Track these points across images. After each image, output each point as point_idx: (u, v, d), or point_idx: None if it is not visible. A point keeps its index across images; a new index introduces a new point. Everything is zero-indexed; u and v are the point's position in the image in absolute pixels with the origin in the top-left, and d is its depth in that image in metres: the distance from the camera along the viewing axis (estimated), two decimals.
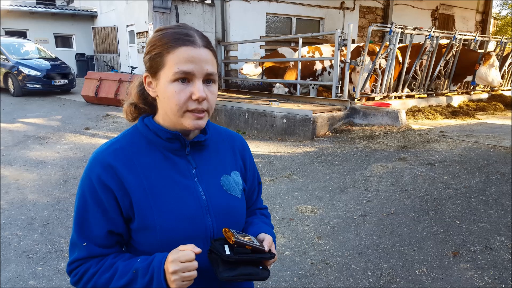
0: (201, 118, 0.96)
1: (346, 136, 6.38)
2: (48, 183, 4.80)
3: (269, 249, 0.99)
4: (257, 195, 1.25)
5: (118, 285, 0.91)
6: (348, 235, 3.30)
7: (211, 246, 0.95)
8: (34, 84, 11.49)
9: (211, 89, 0.98)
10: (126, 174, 0.96)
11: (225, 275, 0.89)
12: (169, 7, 9.35)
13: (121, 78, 10.29)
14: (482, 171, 4.38)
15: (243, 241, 0.93)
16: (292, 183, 4.57)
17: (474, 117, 7.81)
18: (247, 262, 0.94)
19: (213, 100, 0.99)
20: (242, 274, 0.91)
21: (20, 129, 7.65)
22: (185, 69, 0.92)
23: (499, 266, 2.73)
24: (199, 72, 0.94)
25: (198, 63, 0.93)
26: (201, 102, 0.95)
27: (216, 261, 0.92)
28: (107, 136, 7.28)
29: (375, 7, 13.55)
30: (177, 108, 0.95)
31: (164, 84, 0.95)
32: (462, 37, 8.62)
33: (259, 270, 0.94)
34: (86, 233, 0.96)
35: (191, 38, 0.94)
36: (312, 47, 8.87)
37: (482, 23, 17.27)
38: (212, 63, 0.97)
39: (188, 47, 0.93)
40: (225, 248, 0.93)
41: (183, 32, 0.96)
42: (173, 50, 0.93)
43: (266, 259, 0.97)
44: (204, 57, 0.95)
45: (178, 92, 0.94)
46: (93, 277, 0.93)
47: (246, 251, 0.93)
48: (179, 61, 0.93)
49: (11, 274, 2.85)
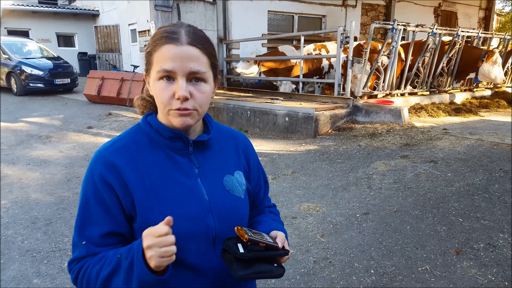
0: (186, 115, 0.94)
1: (349, 134, 6.36)
2: (51, 182, 4.81)
3: (283, 245, 0.99)
4: (264, 193, 1.24)
5: (106, 272, 0.90)
6: (350, 233, 3.30)
7: (224, 245, 0.94)
8: (36, 83, 11.51)
9: (199, 88, 0.95)
10: (128, 172, 0.96)
11: (240, 273, 0.88)
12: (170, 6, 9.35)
13: (123, 77, 10.29)
14: (485, 168, 4.37)
15: (256, 239, 0.93)
16: (295, 181, 4.57)
17: (477, 114, 7.77)
18: (262, 260, 0.93)
19: (202, 99, 0.96)
20: (257, 272, 0.90)
21: (23, 128, 7.67)
22: (166, 68, 0.91)
23: (502, 263, 2.72)
24: (181, 70, 0.92)
25: (180, 61, 0.91)
26: (184, 101, 0.93)
27: (230, 260, 0.91)
28: (110, 135, 7.29)
29: (377, 4, 13.50)
30: (163, 106, 0.95)
31: (152, 82, 0.96)
32: (465, 34, 8.57)
33: (273, 267, 0.94)
34: (86, 232, 0.95)
35: (175, 36, 0.93)
36: (318, 44, 8.84)
37: (485, 19, 17.18)
38: (199, 60, 0.94)
39: (170, 45, 0.92)
40: (239, 247, 0.92)
41: (170, 30, 0.94)
42: (159, 48, 0.93)
43: (280, 255, 0.97)
44: (187, 54, 0.92)
45: (162, 90, 0.93)
46: (86, 271, 0.93)
47: (260, 249, 0.92)
48: (161, 59, 0.92)
49: (15, 273, 2.87)
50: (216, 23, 10.43)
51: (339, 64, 7.17)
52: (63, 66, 12.36)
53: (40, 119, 8.54)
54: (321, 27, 12.26)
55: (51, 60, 12.48)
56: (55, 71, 11.92)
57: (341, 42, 7.06)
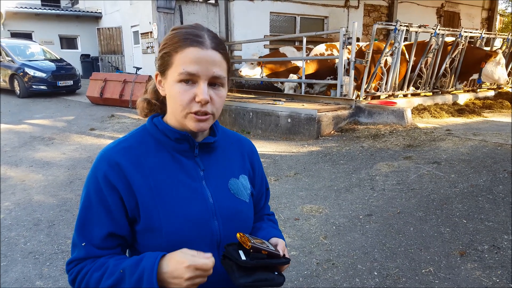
0: (203, 120, 0.95)
1: (352, 135, 6.34)
2: (54, 184, 4.82)
3: (283, 253, 0.98)
4: (264, 200, 1.23)
5: (106, 284, 0.88)
6: (354, 235, 3.29)
7: (225, 252, 0.94)
8: (39, 86, 11.57)
9: (218, 93, 0.96)
10: (133, 173, 0.95)
11: (242, 281, 0.88)
12: (173, 7, 9.37)
13: (126, 78, 10.33)
14: (489, 169, 4.34)
15: (259, 246, 0.92)
16: (297, 183, 4.56)
17: (481, 115, 7.74)
18: (263, 268, 0.92)
19: (219, 103, 0.97)
20: (259, 280, 0.90)
21: (26, 130, 7.70)
22: (190, 70, 0.91)
23: (507, 265, 2.70)
24: (204, 74, 0.92)
25: (204, 65, 0.92)
26: (205, 105, 0.93)
27: (231, 267, 0.90)
28: (112, 136, 7.31)
29: (380, 5, 13.47)
30: (181, 108, 0.94)
31: (170, 83, 0.95)
32: (468, 35, 8.55)
33: (274, 275, 0.93)
34: (86, 233, 0.94)
35: (200, 39, 0.93)
36: (329, 44, 8.82)
37: (488, 20, 17.12)
38: (221, 65, 0.95)
39: (196, 48, 0.92)
40: (240, 253, 0.91)
41: (193, 33, 0.94)
42: (181, 50, 0.92)
43: (282, 264, 0.96)
44: (211, 59, 0.93)
45: (182, 93, 0.93)
46: (85, 276, 0.92)
47: (262, 256, 0.92)
48: (185, 61, 0.91)
49: (18, 275, 2.87)
50: (218, 24, 10.43)
51: (342, 65, 7.15)
52: (66, 68, 12.42)
53: (43, 121, 8.57)
54: (323, 28, 12.25)
55: (54, 62, 12.54)
56: (58, 73, 11.98)
57: (343, 43, 7.05)
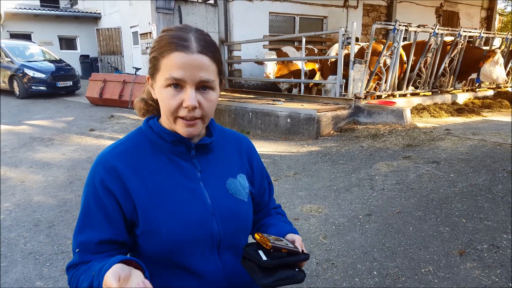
0: (192, 125, 0.94)
1: (351, 135, 6.35)
2: (53, 184, 4.83)
3: (302, 249, 0.98)
4: (269, 195, 1.22)
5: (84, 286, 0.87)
6: (353, 235, 3.29)
7: (245, 253, 0.93)
8: (39, 86, 11.56)
9: (207, 96, 0.94)
10: (129, 177, 0.94)
11: (265, 281, 0.88)
12: (172, 8, 9.37)
13: (125, 79, 10.32)
14: (488, 169, 4.35)
15: (279, 245, 0.92)
16: (297, 183, 4.56)
17: (480, 114, 7.74)
18: (284, 266, 0.92)
19: (209, 107, 0.95)
20: (282, 278, 0.90)
21: (25, 131, 7.70)
22: (176, 76, 0.89)
23: (506, 264, 2.70)
24: (191, 79, 0.90)
25: (190, 70, 0.89)
26: (192, 110, 0.92)
27: (252, 268, 0.90)
28: (112, 137, 7.31)
29: (379, 5, 13.48)
30: (169, 113, 0.93)
31: (159, 88, 0.94)
32: (467, 34, 8.55)
33: (295, 272, 0.93)
34: (83, 238, 0.94)
35: (185, 43, 0.90)
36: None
37: (487, 19, 17.13)
38: (208, 69, 0.92)
39: (181, 53, 0.89)
40: (260, 254, 0.91)
41: (179, 36, 0.92)
42: (167, 55, 0.91)
43: (302, 260, 0.96)
44: (197, 63, 0.90)
45: (170, 98, 0.92)
46: (76, 280, 0.92)
47: (282, 255, 0.92)
48: (170, 67, 0.90)
49: (18, 276, 2.87)
50: (218, 24, 10.44)
51: (341, 65, 7.16)
52: (65, 69, 12.41)
53: (43, 121, 8.56)
54: (323, 28, 12.26)
55: (53, 63, 12.53)
56: (57, 74, 11.97)
57: (342, 43, 7.05)
